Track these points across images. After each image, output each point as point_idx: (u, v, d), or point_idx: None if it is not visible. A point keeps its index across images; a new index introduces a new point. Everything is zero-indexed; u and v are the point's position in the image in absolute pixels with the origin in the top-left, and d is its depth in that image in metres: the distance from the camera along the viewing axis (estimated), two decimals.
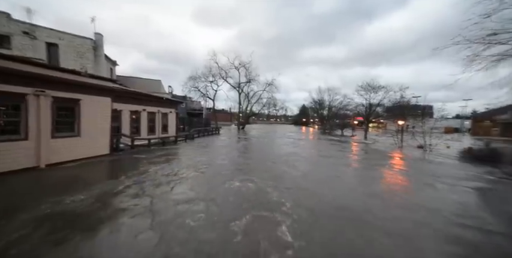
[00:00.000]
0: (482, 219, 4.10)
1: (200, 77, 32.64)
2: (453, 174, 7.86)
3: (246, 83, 35.36)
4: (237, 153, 11.45)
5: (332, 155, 11.99)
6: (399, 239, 3.30)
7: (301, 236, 3.20)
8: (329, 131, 32.27)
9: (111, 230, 3.26)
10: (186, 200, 4.50)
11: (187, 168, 7.22)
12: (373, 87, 25.20)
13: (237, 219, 3.65)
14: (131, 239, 3.01)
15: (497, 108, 17.49)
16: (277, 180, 6.09)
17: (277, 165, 8.38)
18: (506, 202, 5.40)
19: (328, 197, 4.98)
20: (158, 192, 4.90)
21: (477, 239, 3.39)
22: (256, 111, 40.80)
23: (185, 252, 2.77)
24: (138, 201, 4.36)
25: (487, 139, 16.56)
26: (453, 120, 41.57)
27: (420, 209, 4.48)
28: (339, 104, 35.28)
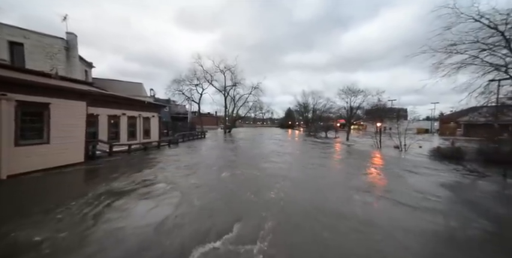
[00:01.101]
0: (437, 197, 5.32)
1: (184, 80, 31.90)
2: (424, 170, 8.56)
3: (231, 87, 35.28)
4: (222, 159, 10.89)
5: (316, 155, 12.35)
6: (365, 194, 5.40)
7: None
8: (314, 134, 33.23)
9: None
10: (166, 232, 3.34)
11: (166, 180, 6.26)
12: (353, 91, 26.68)
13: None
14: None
15: (459, 110, 19.46)
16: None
17: (268, 174, 7.48)
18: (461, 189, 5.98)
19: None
20: (130, 220, 3.74)
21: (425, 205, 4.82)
22: (243, 115, 40.76)
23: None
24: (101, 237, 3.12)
25: (452, 139, 18.24)
26: (424, 122, 45.26)
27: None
28: (323, 107, 36.75)
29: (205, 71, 32.74)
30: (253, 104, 37.46)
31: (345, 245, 3.15)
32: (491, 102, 9.54)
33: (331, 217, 4.11)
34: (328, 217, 4.09)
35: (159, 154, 11.51)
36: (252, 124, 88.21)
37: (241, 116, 41.12)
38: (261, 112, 44.13)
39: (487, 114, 10.94)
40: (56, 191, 5.47)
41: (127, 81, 22.56)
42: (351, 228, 3.66)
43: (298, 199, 5.00)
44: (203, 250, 2.89)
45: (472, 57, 8.63)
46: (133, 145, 11.93)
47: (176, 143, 16.65)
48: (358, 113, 28.13)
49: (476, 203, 5.16)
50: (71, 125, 7.90)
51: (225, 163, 9.42)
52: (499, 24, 7.83)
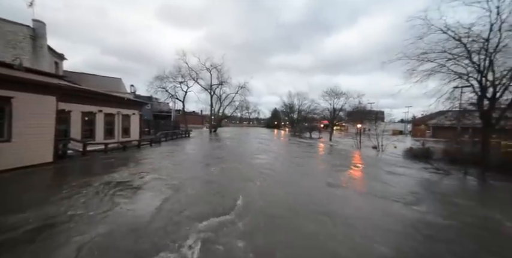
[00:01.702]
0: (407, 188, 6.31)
1: (168, 77, 30.65)
2: (397, 169, 9.26)
3: (218, 85, 34.72)
4: (206, 159, 10.42)
5: (300, 155, 12.66)
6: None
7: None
8: (299, 134, 34.03)
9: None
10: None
11: (139, 184, 5.64)
12: (336, 94, 27.81)
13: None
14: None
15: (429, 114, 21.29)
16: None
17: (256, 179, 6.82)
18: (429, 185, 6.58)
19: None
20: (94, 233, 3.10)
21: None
22: (229, 114, 40.37)
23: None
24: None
25: (423, 140, 19.84)
26: (399, 124, 48.65)
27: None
28: (307, 108, 37.76)
29: (190, 69, 31.82)
30: (239, 103, 37.27)
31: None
32: (455, 107, 10.56)
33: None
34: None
35: (139, 154, 10.93)
36: (238, 124, 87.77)
37: (228, 115, 40.71)
38: (248, 112, 44.08)
39: (452, 118, 12.08)
40: (40, 189, 5.07)
41: (104, 76, 21.13)
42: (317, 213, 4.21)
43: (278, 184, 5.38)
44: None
45: (440, 66, 9.48)
46: (111, 144, 11.20)
47: (158, 142, 15.97)
48: (341, 114, 29.44)
49: (440, 195, 5.91)
50: (38, 121, 7.19)
51: (208, 165, 8.79)
52: (462, 36, 8.69)
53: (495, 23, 8.02)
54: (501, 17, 7.89)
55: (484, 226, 4.04)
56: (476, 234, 3.73)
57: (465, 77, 9.13)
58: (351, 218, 4.04)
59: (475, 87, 8.97)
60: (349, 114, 28.78)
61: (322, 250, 2.97)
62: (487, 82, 8.58)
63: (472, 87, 9.16)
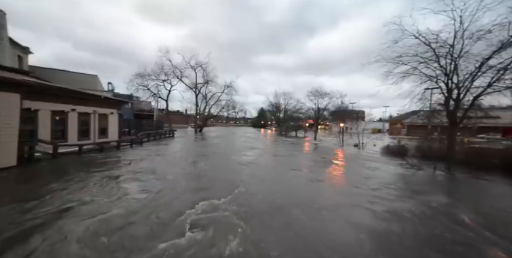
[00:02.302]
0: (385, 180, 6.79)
1: (150, 75, 29.33)
2: (376, 164, 9.82)
3: (203, 84, 33.99)
4: (191, 159, 10.19)
5: (286, 154, 12.89)
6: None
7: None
8: (285, 133, 34.56)
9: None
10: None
11: (119, 189, 5.22)
12: (320, 94, 28.67)
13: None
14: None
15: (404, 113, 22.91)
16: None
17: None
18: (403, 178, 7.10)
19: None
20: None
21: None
22: (215, 114, 39.77)
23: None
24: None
25: (398, 138, 21.25)
26: (377, 123, 51.61)
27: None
28: (293, 107, 38.43)
29: (174, 66, 30.77)
30: (226, 102, 36.89)
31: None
32: (426, 107, 11.45)
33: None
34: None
35: (117, 155, 10.31)
36: (224, 123, 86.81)
37: (214, 114, 40.09)
38: (234, 111, 43.78)
39: (423, 117, 13.06)
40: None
41: (78, 72, 19.61)
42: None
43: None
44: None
45: (413, 68, 10.20)
46: (86, 145, 10.46)
47: (140, 142, 15.24)
48: (325, 114, 30.44)
49: (413, 187, 6.50)
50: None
51: (192, 170, 8.16)
52: (431, 42, 9.43)
53: (458, 31, 8.82)
54: (463, 25, 8.70)
55: (435, 208, 4.77)
56: (426, 214, 4.48)
57: (434, 79, 9.93)
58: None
59: (443, 89, 9.81)
60: (333, 114, 29.90)
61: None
62: (452, 84, 9.41)
63: (440, 88, 10.00)
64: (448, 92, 9.53)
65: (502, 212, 4.81)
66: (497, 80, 8.39)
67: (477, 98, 9.04)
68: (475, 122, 11.00)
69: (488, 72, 8.58)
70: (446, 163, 9.06)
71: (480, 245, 3.30)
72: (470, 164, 9.26)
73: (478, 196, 6.22)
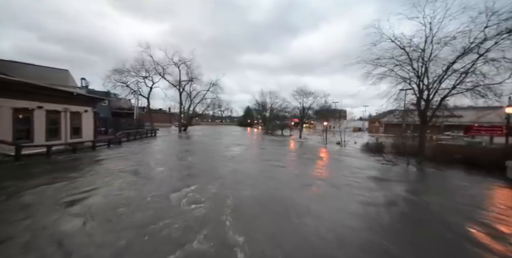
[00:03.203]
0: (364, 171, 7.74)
1: (129, 71, 27.71)
2: (356, 161, 10.36)
3: (187, 82, 32.98)
4: (174, 160, 9.83)
5: (272, 152, 13.04)
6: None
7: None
8: (271, 132, 34.91)
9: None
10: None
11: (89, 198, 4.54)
12: (305, 93, 29.39)
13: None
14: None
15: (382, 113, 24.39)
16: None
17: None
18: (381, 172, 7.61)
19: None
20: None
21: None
22: (200, 112, 38.85)
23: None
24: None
25: (377, 136, 22.58)
26: (358, 121, 54.32)
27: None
28: (279, 106, 38.90)
29: (155, 63, 29.41)
30: (211, 101, 36.21)
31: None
32: (401, 107, 12.29)
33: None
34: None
35: (89, 157, 9.57)
36: (210, 122, 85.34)
37: (199, 113, 39.14)
38: (220, 110, 43.27)
39: (398, 116, 14.01)
40: None
41: (46, 66, 17.82)
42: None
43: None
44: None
45: (389, 70, 10.86)
46: (56, 146, 9.59)
47: (118, 142, 14.37)
48: (309, 113, 31.29)
49: (387, 180, 6.98)
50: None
51: (170, 173, 7.31)
52: (406, 46, 10.11)
53: (428, 36, 9.56)
54: (432, 31, 9.45)
55: (404, 193, 5.64)
56: (398, 197, 5.35)
57: (408, 81, 10.67)
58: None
59: (415, 90, 10.59)
60: (317, 113, 30.85)
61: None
62: (423, 86, 10.20)
63: (413, 90, 10.79)
64: (420, 93, 10.31)
65: (452, 194, 5.99)
66: (460, 83, 9.26)
67: (444, 99, 9.91)
68: (442, 120, 12.06)
69: (453, 75, 9.44)
70: (418, 159, 9.83)
71: (430, 212, 4.62)
72: (438, 159, 10.16)
73: (439, 184, 7.06)
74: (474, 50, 8.68)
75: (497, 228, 3.75)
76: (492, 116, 11.87)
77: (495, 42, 8.23)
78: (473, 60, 8.78)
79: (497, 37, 8.13)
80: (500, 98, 8.74)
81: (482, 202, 5.29)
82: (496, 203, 5.20)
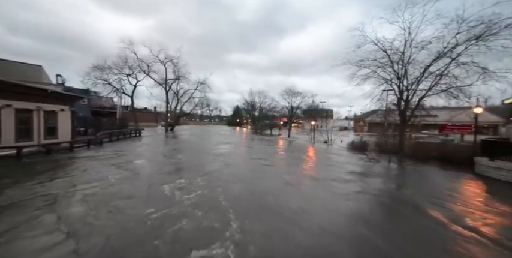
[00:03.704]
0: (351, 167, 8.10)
1: (111, 68, 26.27)
2: (341, 158, 10.72)
3: (174, 80, 32.01)
4: (159, 162, 9.40)
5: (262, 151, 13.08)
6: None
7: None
8: (260, 131, 35.01)
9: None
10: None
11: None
12: (294, 93, 29.82)
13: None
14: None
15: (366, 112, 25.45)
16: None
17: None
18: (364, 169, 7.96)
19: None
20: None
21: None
22: (188, 111, 37.94)
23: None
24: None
25: (361, 135, 23.52)
26: (344, 121, 56.22)
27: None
28: (268, 106, 39.11)
29: (140, 60, 28.18)
30: (199, 100, 35.47)
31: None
32: (383, 107, 12.90)
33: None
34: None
35: (65, 159, 8.85)
36: (198, 121, 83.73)
37: (186, 112, 38.20)
38: (208, 109, 42.52)
39: (381, 116, 14.70)
40: None
41: (17, 61, 16.36)
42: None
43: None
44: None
45: (373, 72, 11.33)
46: (28, 148, 8.86)
47: (100, 143, 13.62)
48: (298, 112, 31.81)
49: (369, 175, 7.32)
50: None
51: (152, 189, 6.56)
52: (387, 49, 10.61)
53: (408, 40, 10.12)
54: (411, 35, 10.01)
55: (380, 189, 6.01)
56: (380, 190, 5.95)
57: (390, 82, 11.22)
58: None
59: (396, 91, 11.16)
60: (305, 112, 31.46)
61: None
62: (403, 87, 10.78)
63: (394, 90, 11.36)
64: (400, 94, 10.89)
65: (425, 187, 6.58)
66: (436, 85, 9.92)
67: (421, 99, 10.55)
68: (420, 120, 12.85)
69: (429, 77, 10.08)
70: (398, 156, 10.39)
71: (403, 200, 5.42)
72: (416, 156, 10.81)
73: (416, 179, 7.68)
74: (447, 54, 9.34)
75: (452, 209, 4.65)
76: (463, 115, 12.85)
77: (465, 48, 8.91)
78: (447, 64, 9.44)
79: (467, 43, 8.81)
80: (469, 99, 9.49)
81: (449, 192, 5.83)
82: (460, 193, 5.88)
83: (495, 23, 8.17)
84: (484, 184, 6.73)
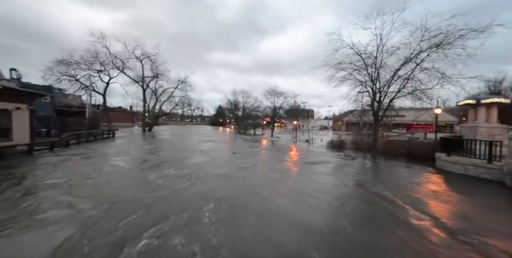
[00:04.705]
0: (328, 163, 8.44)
1: (79, 63, 23.93)
2: (321, 156, 11.16)
3: (152, 78, 30.37)
4: (131, 168, 7.81)
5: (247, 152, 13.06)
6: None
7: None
8: (243, 131, 34.90)
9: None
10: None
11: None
12: (277, 93, 30.30)
13: None
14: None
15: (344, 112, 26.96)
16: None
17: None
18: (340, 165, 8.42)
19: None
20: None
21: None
22: (168, 111, 36.31)
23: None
24: None
25: (339, 134, 24.80)
26: (324, 120, 58.78)
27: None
28: (251, 106, 39.18)
29: (113, 55, 26.18)
30: (180, 99, 34.17)
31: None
32: (358, 107, 13.75)
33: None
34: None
35: (17, 165, 7.76)
36: (179, 121, 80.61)
37: (166, 112, 36.54)
38: (190, 109, 41.15)
39: (357, 116, 15.66)
40: None
41: None
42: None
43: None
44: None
45: (349, 74, 12.00)
46: None
47: (66, 145, 12.36)
48: (281, 112, 32.40)
49: (346, 171, 7.77)
50: None
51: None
52: (362, 53, 11.32)
53: (379, 46, 10.91)
54: (382, 41, 10.82)
55: (353, 182, 6.39)
56: (346, 184, 6.49)
57: (364, 84, 11.98)
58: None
59: (370, 93, 11.95)
60: (287, 112, 32.18)
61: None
62: (376, 89, 11.59)
63: (368, 92, 12.17)
64: (373, 95, 11.70)
65: (392, 179, 7.32)
66: (403, 87, 10.86)
67: (392, 101, 11.47)
68: (391, 119, 13.97)
69: (398, 80, 11.00)
70: (372, 153, 11.16)
71: (371, 190, 5.91)
72: (388, 153, 11.71)
73: (385, 174, 8.27)
74: (413, 59, 10.28)
75: (408, 195, 5.43)
76: (426, 116, 14.30)
77: (427, 54, 9.90)
78: (413, 69, 10.39)
79: (428, 50, 9.79)
80: (431, 100, 10.58)
81: (410, 185, 6.55)
82: (419, 184, 6.63)
83: (451, 33, 9.21)
84: (441, 176, 7.54)
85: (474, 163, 7.34)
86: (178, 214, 3.91)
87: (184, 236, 3.17)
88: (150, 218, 3.73)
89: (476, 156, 7.51)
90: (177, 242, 3.03)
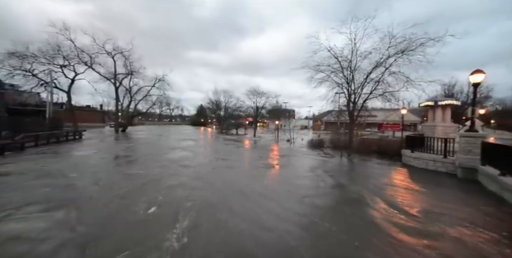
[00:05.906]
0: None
1: (36, 57, 21.26)
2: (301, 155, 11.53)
3: (126, 75, 28.30)
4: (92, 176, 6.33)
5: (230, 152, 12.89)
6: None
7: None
8: (225, 131, 34.46)
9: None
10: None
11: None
12: (259, 93, 30.47)
13: None
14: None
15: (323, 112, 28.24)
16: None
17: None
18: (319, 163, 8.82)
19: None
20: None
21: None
22: (144, 110, 34.21)
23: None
24: None
25: (319, 133, 25.88)
26: (304, 120, 60.83)
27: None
28: (234, 105, 38.86)
29: (79, 49, 23.77)
30: (158, 98, 32.41)
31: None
32: (336, 108, 14.50)
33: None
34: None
35: None
36: (156, 121, 76.58)
37: (142, 111, 34.43)
38: (169, 108, 39.33)
39: (334, 116, 16.51)
40: None
41: None
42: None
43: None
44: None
45: (327, 76, 12.59)
46: None
47: (21, 148, 10.92)
48: (263, 112, 32.68)
49: (324, 168, 8.16)
50: None
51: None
52: (338, 56, 11.95)
53: (354, 50, 11.63)
54: (356, 46, 11.56)
55: (329, 176, 7.02)
56: (323, 179, 7.01)
57: (341, 86, 12.67)
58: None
59: (346, 94, 12.69)
60: (269, 112, 32.60)
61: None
62: (351, 90, 12.35)
63: (344, 93, 12.90)
64: (349, 96, 12.44)
65: (363, 174, 8.23)
66: (375, 89, 11.74)
67: (365, 102, 12.31)
68: (364, 119, 15.00)
69: (371, 83, 11.86)
70: (348, 151, 11.86)
71: (343, 184, 6.63)
72: (362, 151, 12.55)
73: (359, 169, 9.02)
74: (383, 64, 11.17)
75: (376, 187, 6.04)
76: (394, 116, 15.64)
77: (394, 59, 10.84)
78: (382, 72, 11.29)
79: (395, 55, 10.73)
80: (398, 102, 11.62)
81: (378, 177, 7.31)
82: (386, 177, 7.36)
83: (413, 41, 10.21)
84: (405, 171, 8.34)
85: (433, 158, 8.23)
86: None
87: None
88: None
89: (434, 152, 8.43)
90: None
